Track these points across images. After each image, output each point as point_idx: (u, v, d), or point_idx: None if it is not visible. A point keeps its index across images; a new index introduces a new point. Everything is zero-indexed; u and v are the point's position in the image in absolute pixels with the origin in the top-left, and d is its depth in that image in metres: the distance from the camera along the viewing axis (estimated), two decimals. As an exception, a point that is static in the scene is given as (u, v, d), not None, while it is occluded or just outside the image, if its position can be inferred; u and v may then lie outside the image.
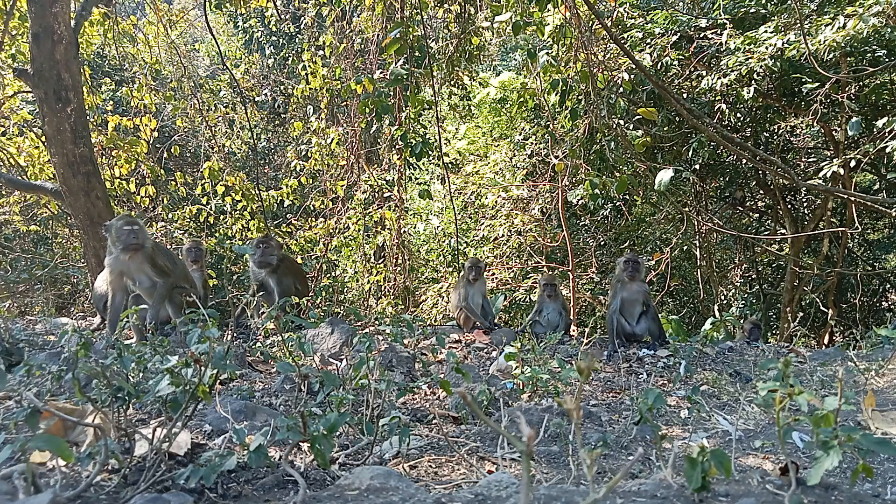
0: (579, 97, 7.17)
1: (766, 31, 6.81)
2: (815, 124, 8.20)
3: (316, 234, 9.52)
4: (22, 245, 10.44)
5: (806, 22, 6.42)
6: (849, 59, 7.20)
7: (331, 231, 9.36)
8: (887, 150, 6.23)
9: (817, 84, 6.72)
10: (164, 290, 4.85)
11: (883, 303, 10.71)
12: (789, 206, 10.05)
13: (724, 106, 7.66)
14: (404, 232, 10.56)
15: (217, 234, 9.69)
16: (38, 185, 7.58)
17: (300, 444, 2.34)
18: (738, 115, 8.99)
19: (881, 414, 2.78)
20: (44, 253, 10.27)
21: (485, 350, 5.38)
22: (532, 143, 9.84)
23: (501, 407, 3.20)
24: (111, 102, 10.94)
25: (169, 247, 7.64)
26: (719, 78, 7.11)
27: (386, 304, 9.84)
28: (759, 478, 1.70)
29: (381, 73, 5.91)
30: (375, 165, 10.14)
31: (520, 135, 10.06)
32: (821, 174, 6.69)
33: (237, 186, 8.92)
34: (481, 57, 8.92)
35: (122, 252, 4.77)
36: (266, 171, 12.66)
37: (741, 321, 7.80)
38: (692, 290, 10.98)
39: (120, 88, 10.71)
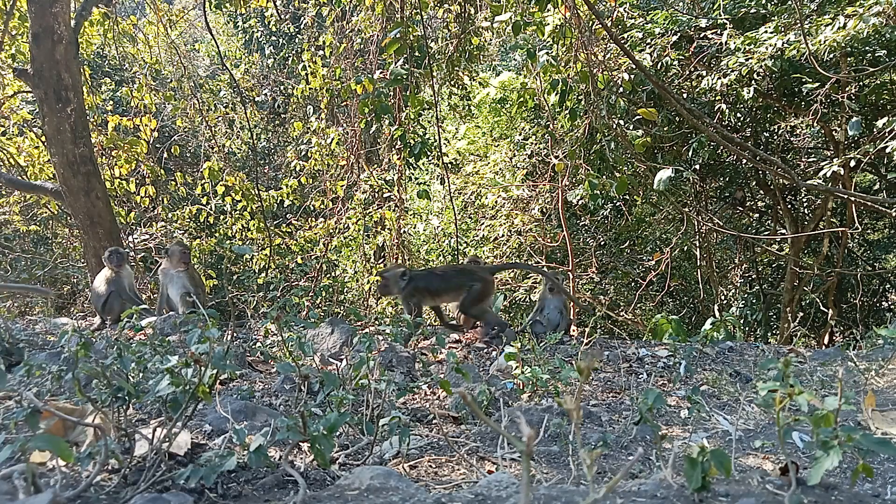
0: (579, 97, 7.16)
1: (766, 32, 6.81)
2: (815, 124, 8.19)
3: (316, 234, 9.52)
4: (22, 245, 10.45)
5: (806, 22, 6.42)
6: (849, 59, 7.20)
7: (331, 231, 9.36)
8: (887, 150, 6.22)
9: (817, 84, 6.71)
10: None
11: (883, 303, 10.70)
12: (789, 206, 10.05)
13: (724, 106, 7.66)
14: (404, 232, 10.55)
15: (217, 234, 9.70)
16: (38, 185, 7.59)
17: (300, 444, 2.34)
18: (738, 115, 8.98)
19: (881, 414, 2.78)
20: (44, 253, 10.28)
21: (485, 350, 5.38)
22: (532, 143, 9.84)
23: (501, 407, 3.20)
24: (111, 102, 10.94)
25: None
26: (719, 78, 7.11)
27: (386, 304, 9.83)
28: (759, 478, 1.70)
29: (381, 73, 5.91)
30: (375, 165, 10.14)
31: (520, 135, 10.05)
32: (821, 174, 6.68)
33: (237, 186, 8.92)
34: (481, 57, 8.92)
35: None
36: (266, 171, 12.66)
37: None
38: (692, 290, 10.97)
39: (120, 88, 10.72)
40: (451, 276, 5.96)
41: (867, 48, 6.86)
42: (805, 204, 10.46)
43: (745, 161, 8.53)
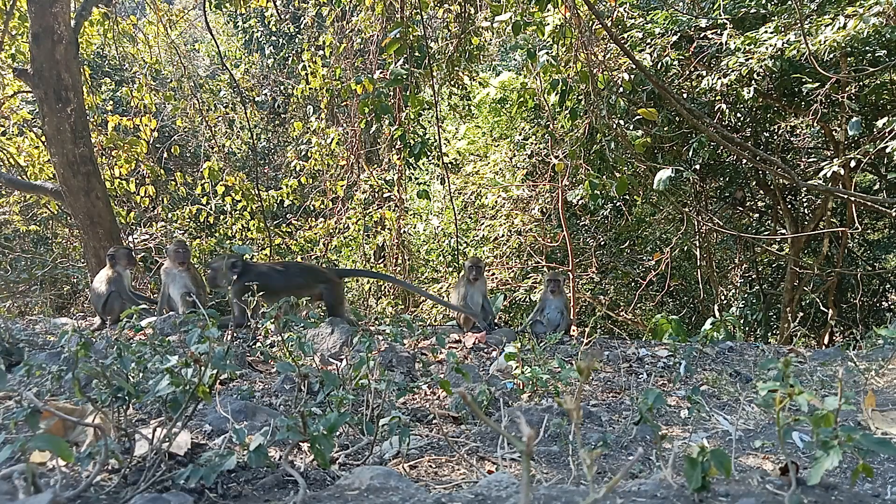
0: (579, 97, 7.16)
1: (766, 32, 6.81)
2: (815, 124, 8.20)
3: (316, 234, 9.53)
4: (22, 245, 10.44)
5: (806, 22, 6.42)
6: (849, 59, 7.20)
7: (331, 231, 9.37)
8: (887, 150, 6.22)
9: (817, 84, 6.71)
10: None
11: (883, 303, 10.69)
12: (789, 206, 10.05)
13: (724, 106, 7.66)
14: (404, 232, 10.56)
15: (217, 234, 9.70)
16: (38, 185, 7.59)
17: (300, 444, 2.34)
18: (738, 115, 8.98)
19: (881, 414, 2.78)
20: (44, 253, 10.28)
21: (485, 350, 5.38)
22: (532, 143, 9.84)
23: (501, 407, 3.20)
24: (111, 102, 10.95)
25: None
26: (719, 78, 7.11)
27: (386, 304, 9.84)
28: (759, 478, 1.70)
29: (381, 73, 5.91)
30: (375, 165, 10.15)
31: (520, 135, 10.05)
32: (821, 174, 6.68)
33: (237, 186, 8.92)
34: (481, 57, 8.92)
35: None
36: (266, 171, 12.67)
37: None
38: (692, 290, 10.97)
39: (120, 88, 10.72)
40: (293, 274, 5.54)
41: (867, 48, 6.86)
42: (805, 204, 10.46)
43: (745, 161, 8.52)
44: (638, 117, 7.22)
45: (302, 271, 5.63)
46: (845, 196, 7.51)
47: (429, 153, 6.86)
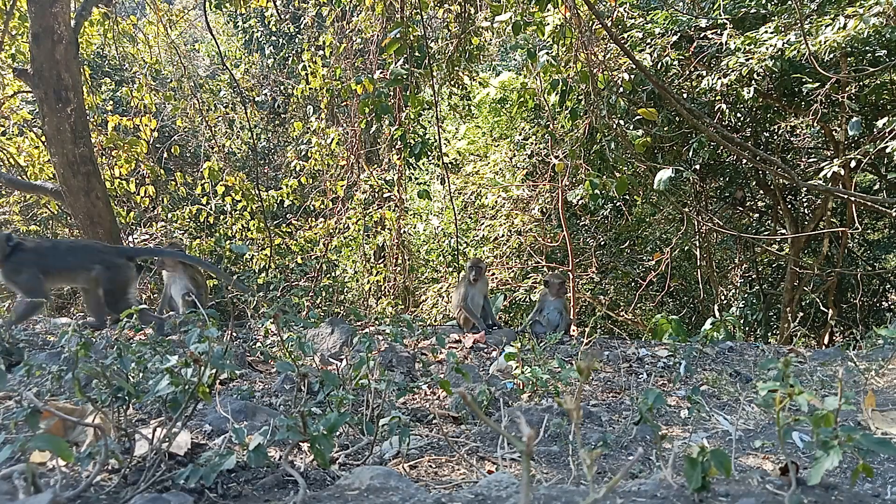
0: (579, 97, 7.17)
1: (766, 32, 6.81)
2: (815, 124, 8.19)
3: (316, 234, 9.52)
4: (22, 245, 10.42)
5: (806, 22, 6.42)
6: (849, 59, 7.20)
7: (331, 231, 9.37)
8: (887, 150, 6.22)
9: (817, 84, 6.72)
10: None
11: (883, 303, 10.69)
12: (789, 206, 10.04)
13: (724, 106, 7.66)
14: (404, 232, 10.56)
15: (217, 234, 9.70)
16: (38, 185, 7.59)
17: (300, 444, 2.34)
18: (738, 115, 8.98)
19: (881, 414, 2.78)
20: (44, 253, 10.25)
21: (485, 350, 5.38)
22: (532, 143, 9.84)
23: (501, 407, 3.20)
24: (111, 102, 10.95)
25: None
26: (719, 78, 7.11)
27: (386, 304, 9.84)
28: (759, 478, 1.70)
29: (381, 73, 5.91)
30: (375, 165, 10.15)
31: (520, 135, 10.05)
32: (821, 174, 6.68)
33: (237, 186, 8.92)
34: (481, 57, 8.92)
35: None
36: (266, 171, 12.66)
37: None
38: (692, 290, 10.97)
39: (120, 88, 10.72)
40: (62, 253, 4.86)
41: (867, 48, 6.86)
42: (805, 204, 10.46)
43: (745, 161, 8.52)
44: (638, 117, 7.22)
45: (71, 250, 4.94)
46: (845, 196, 7.50)
47: (429, 153, 6.87)
